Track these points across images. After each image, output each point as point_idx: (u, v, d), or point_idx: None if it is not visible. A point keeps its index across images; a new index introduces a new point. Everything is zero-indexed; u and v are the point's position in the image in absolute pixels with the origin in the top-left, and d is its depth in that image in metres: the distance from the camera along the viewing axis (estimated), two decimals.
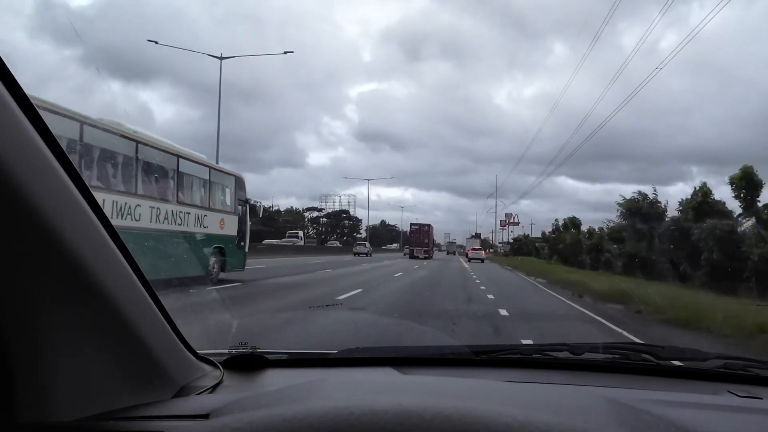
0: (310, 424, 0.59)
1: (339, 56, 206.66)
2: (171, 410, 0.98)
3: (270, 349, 1.49)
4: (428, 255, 50.57)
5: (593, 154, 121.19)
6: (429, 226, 56.89)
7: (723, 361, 1.56)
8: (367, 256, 46.97)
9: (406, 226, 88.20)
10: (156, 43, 23.42)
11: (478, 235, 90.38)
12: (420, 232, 53.81)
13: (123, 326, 0.90)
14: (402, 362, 1.54)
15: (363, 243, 58.08)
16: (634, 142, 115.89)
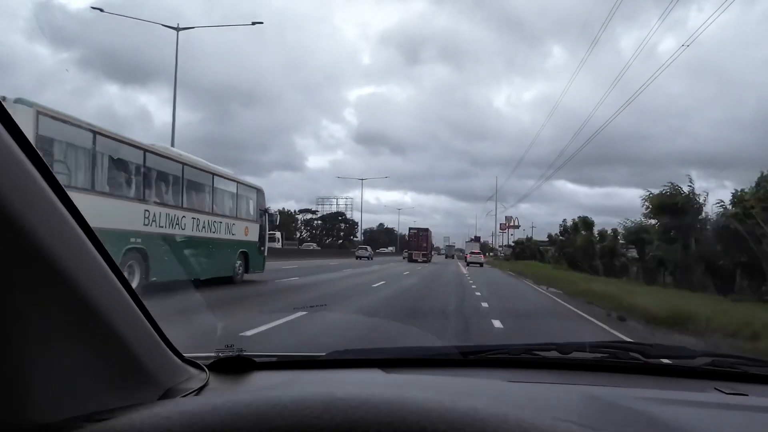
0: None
1: (338, 59, 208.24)
2: (155, 412, 0.89)
3: (257, 352, 1.48)
4: (427, 259, 52.11)
5: (592, 158, 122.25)
6: (427, 231, 58.70)
7: (710, 359, 1.57)
8: (369, 260, 48.86)
9: (404, 229, 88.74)
10: (101, 11, 21.36)
11: (478, 239, 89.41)
12: (418, 237, 55.51)
13: (105, 329, 0.89)
14: (390, 363, 1.53)
15: (365, 247, 60.27)
16: (634, 146, 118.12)
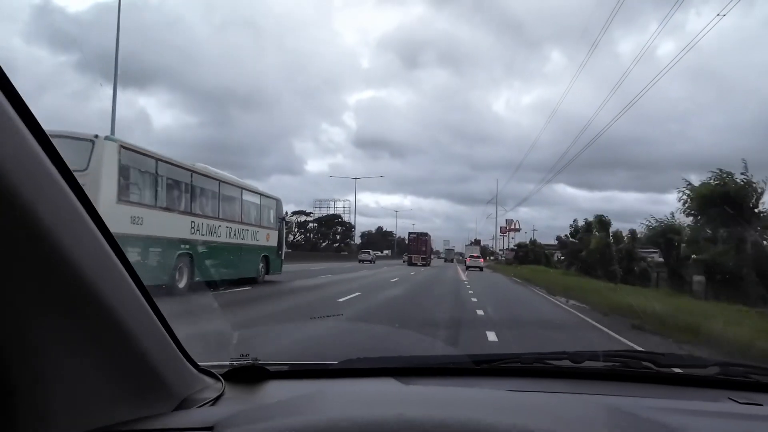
0: None
1: (337, 63, 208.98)
2: (173, 423, 0.98)
3: (271, 360, 1.49)
4: (426, 263, 53.77)
5: (592, 162, 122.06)
6: (427, 235, 60.60)
7: (723, 368, 1.56)
8: (372, 263, 50.90)
9: (401, 232, 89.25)
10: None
11: (478, 242, 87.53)
12: (418, 241, 57.32)
13: (123, 338, 0.90)
14: (403, 372, 1.54)
15: (367, 251, 62.41)
16: (633, 150, 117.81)
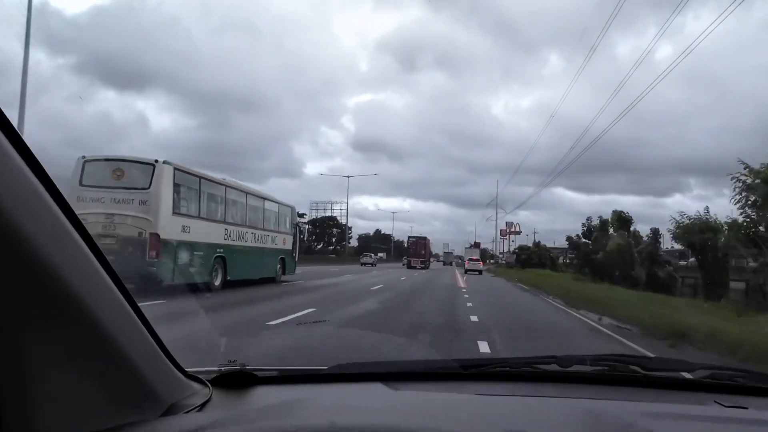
0: None
1: (335, 66, 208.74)
2: (158, 429, 0.97)
3: (259, 366, 1.49)
4: (425, 266, 55.62)
5: (590, 165, 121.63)
6: (425, 239, 62.69)
7: (710, 372, 1.57)
8: (373, 266, 52.95)
9: (400, 235, 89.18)
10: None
11: (477, 245, 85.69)
12: (417, 245, 59.45)
13: (108, 345, 0.89)
14: (391, 377, 1.54)
15: (369, 254, 64.59)
16: (632, 153, 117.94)
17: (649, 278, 27.90)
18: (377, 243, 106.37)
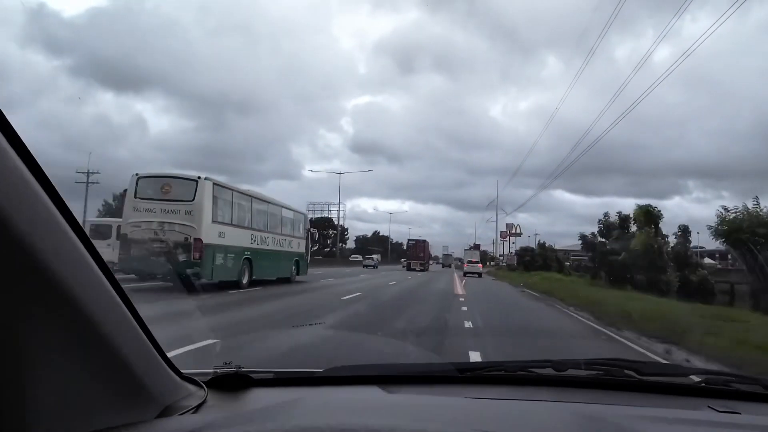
0: None
1: (334, 68, 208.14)
2: (153, 430, 0.98)
3: (255, 368, 1.49)
4: (424, 268, 57.32)
5: (589, 168, 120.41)
6: (425, 242, 64.69)
7: (704, 377, 1.59)
8: (375, 268, 55.20)
9: (398, 237, 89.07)
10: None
11: (477, 247, 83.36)
12: (417, 247, 61.39)
13: (104, 346, 0.90)
14: (387, 380, 1.54)
15: (371, 257, 67.06)
16: (631, 156, 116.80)
17: (681, 284, 24.39)
18: (375, 245, 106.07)
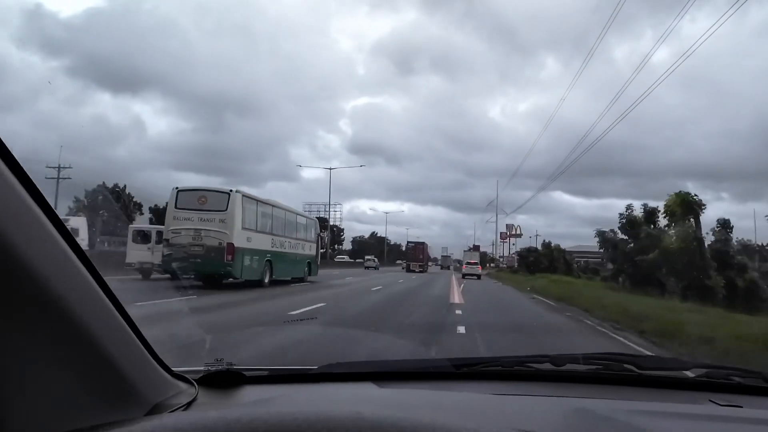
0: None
1: (332, 69, 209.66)
2: (141, 428, 0.92)
3: (247, 365, 1.48)
4: (423, 269, 59.09)
5: (589, 169, 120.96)
6: (423, 244, 66.69)
7: (705, 370, 1.57)
8: (376, 269, 57.38)
9: (396, 238, 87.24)
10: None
11: (477, 248, 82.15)
12: (416, 249, 63.37)
13: (90, 344, 0.89)
14: (382, 377, 1.53)
15: (372, 259, 69.18)
16: (630, 157, 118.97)
17: (730, 288, 20.73)
18: (372, 246, 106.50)
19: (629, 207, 32.08)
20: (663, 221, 28.40)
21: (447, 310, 12.79)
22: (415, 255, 61.85)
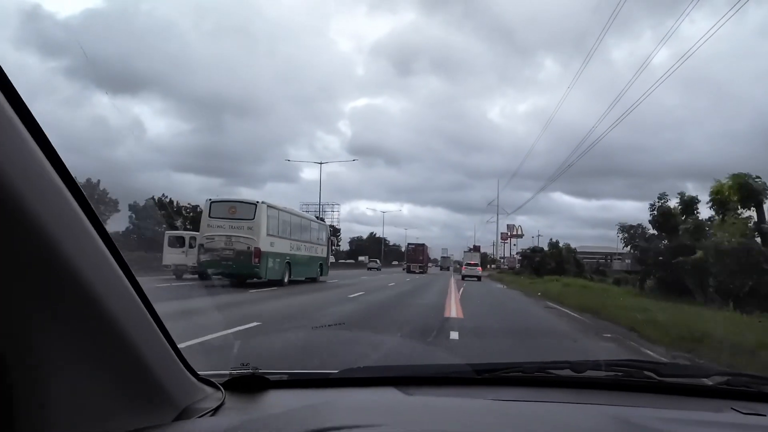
0: None
1: (331, 70, 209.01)
2: None
3: (271, 370, 1.50)
4: (423, 270, 60.85)
5: (589, 170, 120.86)
6: (424, 245, 68.42)
7: (726, 378, 1.55)
8: (378, 271, 59.44)
9: (395, 239, 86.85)
10: None
11: (477, 248, 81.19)
12: (416, 251, 65.14)
13: (124, 347, 0.90)
14: (404, 381, 1.54)
15: (375, 260, 71.42)
16: (630, 158, 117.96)
17: None
18: (370, 247, 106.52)
19: (663, 196, 25.87)
20: (706, 212, 23.06)
21: (441, 327, 9.38)
22: (415, 257, 63.49)
